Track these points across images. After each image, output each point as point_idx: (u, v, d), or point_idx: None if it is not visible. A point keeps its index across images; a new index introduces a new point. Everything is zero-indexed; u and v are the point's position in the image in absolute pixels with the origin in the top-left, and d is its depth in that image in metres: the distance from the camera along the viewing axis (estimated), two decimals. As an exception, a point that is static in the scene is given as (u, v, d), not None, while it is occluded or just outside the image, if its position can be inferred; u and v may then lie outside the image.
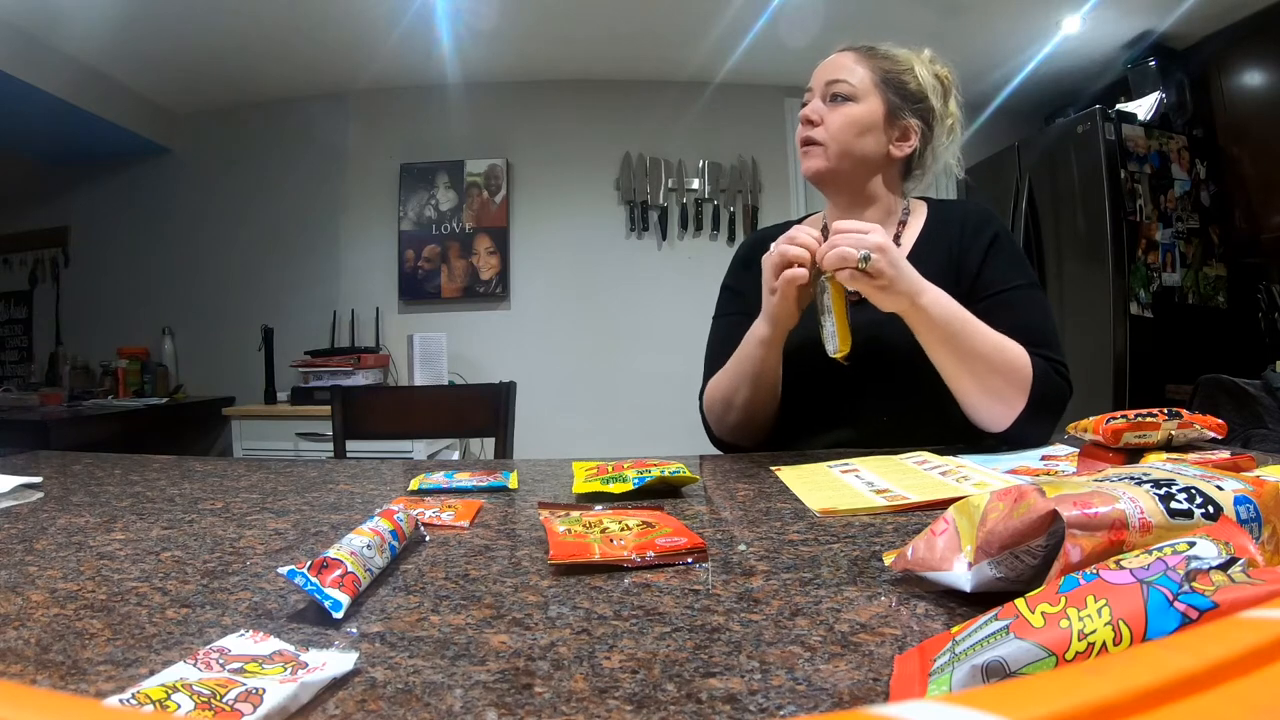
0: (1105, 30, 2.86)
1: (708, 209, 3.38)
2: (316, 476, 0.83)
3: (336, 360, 2.90)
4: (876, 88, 1.00)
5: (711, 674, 0.32)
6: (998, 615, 0.29)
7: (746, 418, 1.00)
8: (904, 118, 1.02)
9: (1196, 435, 0.74)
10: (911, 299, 0.83)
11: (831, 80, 1.01)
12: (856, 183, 1.04)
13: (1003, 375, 0.86)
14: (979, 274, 0.98)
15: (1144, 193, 2.71)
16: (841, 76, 1.00)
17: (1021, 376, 0.87)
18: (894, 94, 1.01)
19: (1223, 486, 0.35)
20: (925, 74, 1.03)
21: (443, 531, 0.58)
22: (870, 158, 1.02)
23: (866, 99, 1.00)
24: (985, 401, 0.88)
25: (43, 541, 0.56)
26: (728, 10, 2.69)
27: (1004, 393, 0.87)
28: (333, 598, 0.40)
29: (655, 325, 3.27)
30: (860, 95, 1.00)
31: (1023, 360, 0.87)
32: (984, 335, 0.86)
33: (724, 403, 1.02)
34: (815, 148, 1.02)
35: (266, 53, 2.93)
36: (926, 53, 1.07)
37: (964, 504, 0.42)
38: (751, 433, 1.03)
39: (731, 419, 1.02)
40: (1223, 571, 0.26)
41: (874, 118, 1.00)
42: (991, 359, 0.86)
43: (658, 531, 0.52)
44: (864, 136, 1.00)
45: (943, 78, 1.06)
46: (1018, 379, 0.87)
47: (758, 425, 1.02)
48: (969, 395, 0.88)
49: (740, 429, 1.02)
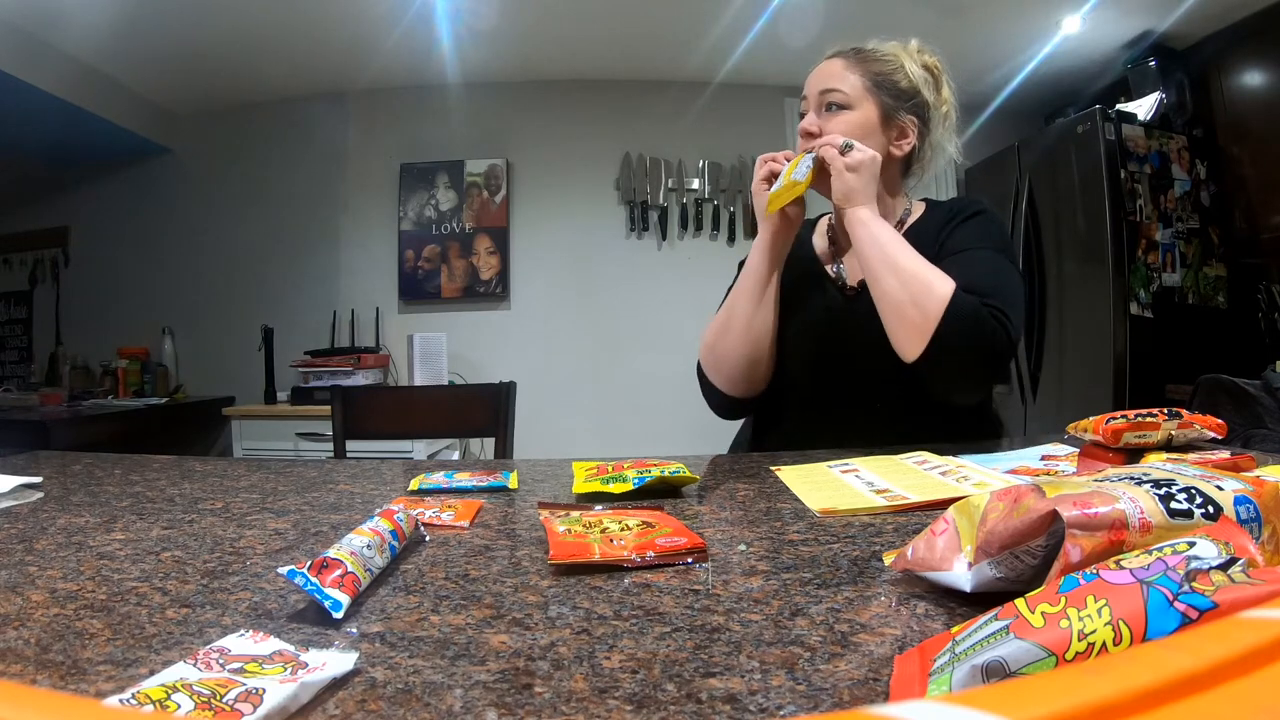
0: (1105, 30, 2.86)
1: (708, 209, 3.38)
2: (316, 476, 0.83)
3: (336, 360, 2.90)
4: (869, 92, 1.01)
5: (711, 674, 0.32)
6: (998, 615, 0.29)
7: (741, 344, 1.01)
8: (899, 117, 1.02)
9: (1196, 435, 0.74)
10: (860, 202, 0.92)
11: (824, 90, 1.02)
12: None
13: (913, 295, 0.86)
14: (945, 242, 0.99)
15: (1144, 193, 2.71)
16: (833, 85, 1.01)
17: (934, 300, 0.84)
18: (887, 95, 1.02)
19: (1223, 486, 0.35)
20: (914, 68, 1.04)
21: (443, 531, 0.58)
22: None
23: (861, 105, 1.01)
24: (896, 323, 0.88)
25: (43, 541, 0.56)
26: (728, 10, 2.69)
27: (912, 315, 0.86)
28: (333, 598, 0.40)
29: (655, 325, 3.27)
30: (854, 102, 1.01)
31: (941, 288, 0.85)
32: (909, 257, 0.89)
33: (720, 328, 1.03)
34: None
35: (266, 53, 2.93)
36: (913, 43, 1.07)
37: (964, 504, 0.42)
38: (738, 375, 1.02)
39: (725, 345, 1.02)
40: (1223, 571, 0.26)
41: (870, 122, 1.01)
42: (907, 277, 0.87)
43: (658, 531, 0.52)
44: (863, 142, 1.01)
45: (931, 67, 1.06)
46: (929, 303, 0.85)
47: (747, 366, 1.02)
48: (886, 316, 0.90)
49: (726, 366, 1.02)
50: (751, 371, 1.02)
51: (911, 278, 0.87)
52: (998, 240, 1.00)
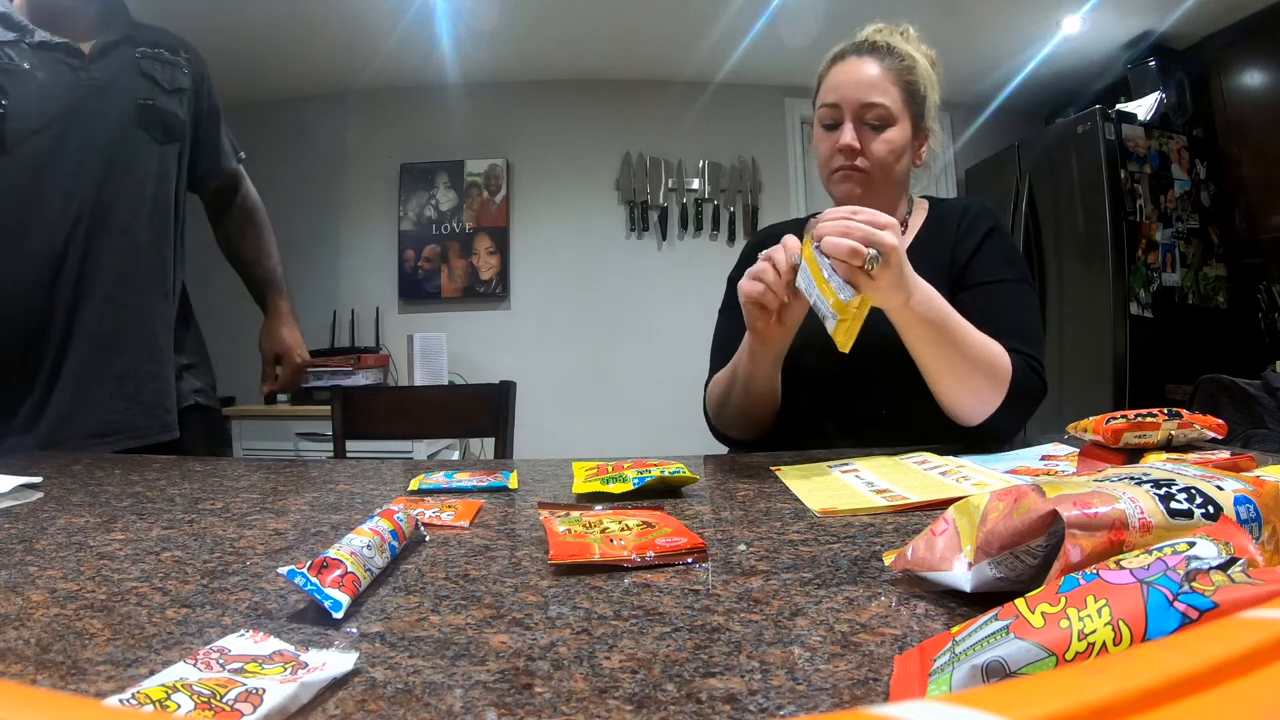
0: (1105, 30, 2.86)
1: (708, 209, 3.38)
2: (316, 476, 0.83)
3: (336, 360, 2.90)
4: (905, 105, 0.98)
5: (711, 674, 0.32)
6: (998, 615, 0.29)
7: (741, 416, 1.01)
8: (921, 125, 1.02)
9: (1196, 435, 0.74)
10: (904, 299, 0.81)
11: (867, 104, 0.97)
12: (885, 199, 1.03)
13: (982, 373, 0.86)
14: (968, 264, 0.98)
15: (1144, 193, 2.72)
16: (878, 99, 0.96)
17: (1000, 376, 0.87)
18: (915, 105, 1.00)
19: (1223, 486, 0.35)
20: (926, 67, 1.02)
21: (443, 531, 0.58)
22: (904, 175, 1.03)
23: (901, 120, 0.98)
24: (962, 397, 0.88)
25: (43, 541, 0.56)
26: (728, 10, 2.69)
27: (981, 390, 0.87)
28: (333, 598, 0.40)
29: (655, 325, 3.27)
30: (896, 117, 0.97)
31: (1003, 360, 0.88)
32: (967, 334, 0.86)
33: (720, 402, 1.03)
34: (858, 174, 0.99)
35: (266, 53, 2.93)
36: (913, 33, 1.05)
37: (964, 504, 0.42)
38: (749, 429, 1.03)
39: (728, 416, 1.02)
40: (1223, 571, 0.26)
41: (906, 139, 1.00)
42: (973, 358, 0.86)
43: (658, 531, 0.52)
44: (902, 159, 1.00)
45: (934, 62, 1.04)
46: (997, 378, 0.87)
47: (755, 422, 1.02)
48: (947, 391, 0.88)
49: (737, 426, 1.03)
50: (762, 424, 1.02)
51: (976, 354, 0.86)
52: (1019, 263, 1.01)
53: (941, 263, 0.99)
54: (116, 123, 1.15)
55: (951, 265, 0.99)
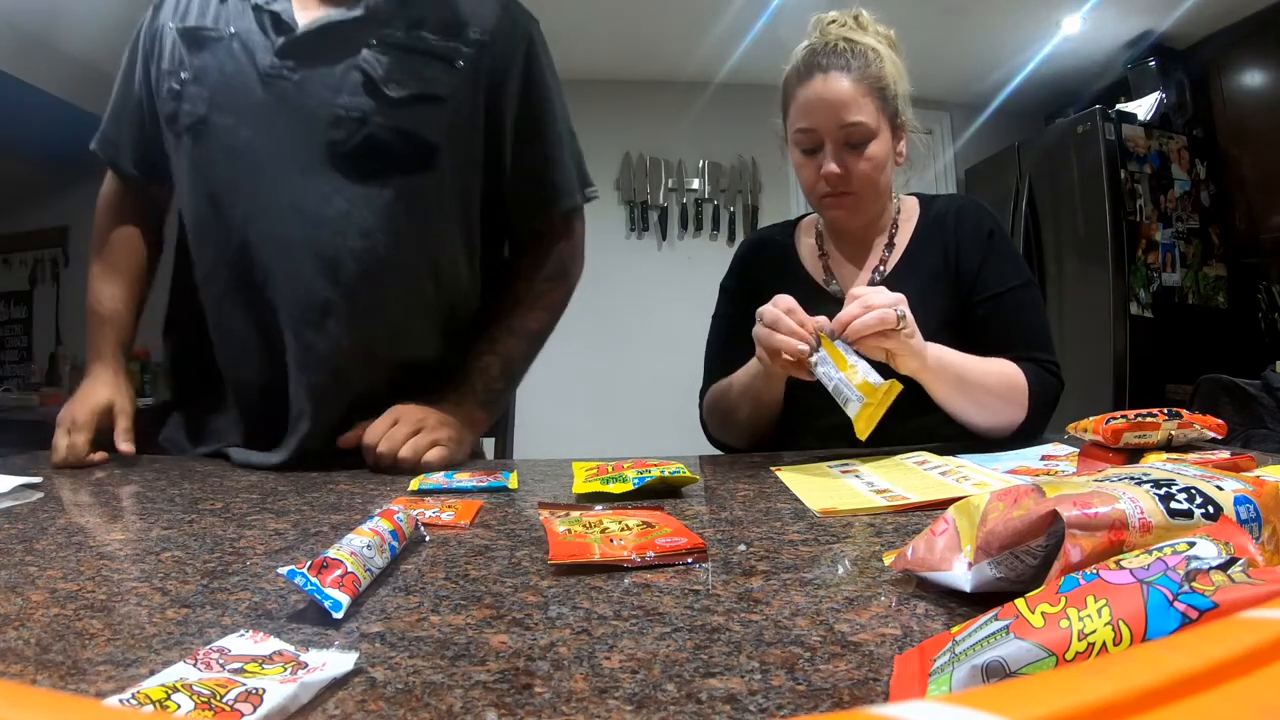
0: (1105, 30, 2.86)
1: (708, 209, 3.38)
2: (316, 476, 0.83)
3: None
4: (880, 112, 0.95)
5: (711, 674, 0.32)
6: (998, 615, 0.29)
7: (750, 426, 1.01)
8: (898, 123, 0.99)
9: (1196, 435, 0.74)
10: (923, 363, 0.82)
11: (845, 124, 0.93)
12: (874, 211, 1.02)
13: (1003, 400, 0.90)
14: (979, 274, 0.98)
15: (1144, 193, 2.72)
16: (856, 118, 0.93)
17: (1019, 397, 0.90)
18: (888, 106, 0.96)
19: (1223, 486, 0.35)
20: (891, 55, 0.97)
21: (443, 531, 0.58)
22: (889, 184, 1.01)
23: (880, 131, 0.95)
24: (990, 424, 0.91)
25: (43, 541, 0.56)
26: (728, 10, 2.69)
27: (1006, 413, 0.91)
28: (333, 598, 0.40)
29: (655, 325, 3.27)
30: (876, 130, 0.95)
31: (1018, 382, 0.90)
32: (982, 372, 0.89)
33: (723, 416, 1.03)
34: (847, 198, 0.97)
35: (266, 53, 2.93)
36: (866, 14, 1.00)
37: (964, 504, 0.42)
38: (756, 437, 1.03)
39: (734, 428, 1.02)
40: (1223, 571, 0.26)
41: (888, 147, 0.97)
42: (994, 390, 0.89)
43: (658, 531, 0.52)
44: (886, 168, 0.98)
45: (895, 44, 1.00)
46: (1015, 400, 0.91)
47: (763, 431, 1.02)
48: (975, 423, 0.91)
49: (745, 437, 1.03)
50: (770, 432, 1.03)
51: (996, 387, 0.89)
52: (1021, 263, 1.02)
53: (940, 264, 0.99)
54: None
55: (957, 270, 0.98)
